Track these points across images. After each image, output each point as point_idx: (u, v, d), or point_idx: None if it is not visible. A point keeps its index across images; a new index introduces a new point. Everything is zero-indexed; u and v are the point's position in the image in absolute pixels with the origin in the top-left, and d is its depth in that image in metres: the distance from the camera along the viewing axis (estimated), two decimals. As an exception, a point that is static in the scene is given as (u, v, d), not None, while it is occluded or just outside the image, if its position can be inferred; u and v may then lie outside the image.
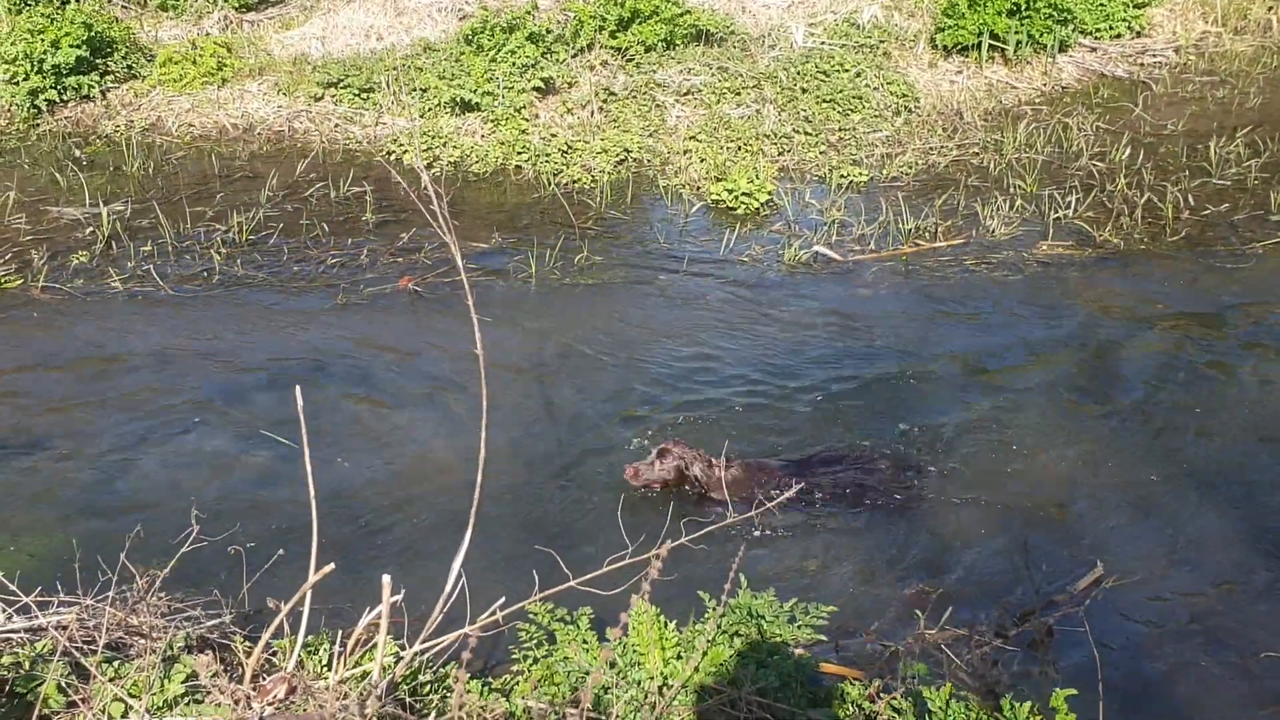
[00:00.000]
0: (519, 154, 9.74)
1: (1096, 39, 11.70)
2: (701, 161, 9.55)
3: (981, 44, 11.02)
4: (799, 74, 10.61)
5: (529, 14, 10.87)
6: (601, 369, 6.61)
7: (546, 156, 9.68)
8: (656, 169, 9.59)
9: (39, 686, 3.31)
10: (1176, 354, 6.54)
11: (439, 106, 10.31)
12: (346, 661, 3.62)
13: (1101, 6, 11.70)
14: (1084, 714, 3.34)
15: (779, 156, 9.77)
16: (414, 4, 12.30)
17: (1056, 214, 8.36)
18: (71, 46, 10.53)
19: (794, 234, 8.37)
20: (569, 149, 9.76)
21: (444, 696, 3.64)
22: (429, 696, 3.67)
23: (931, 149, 9.81)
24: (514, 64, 10.28)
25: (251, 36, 12.30)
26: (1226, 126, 9.73)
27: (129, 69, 11.25)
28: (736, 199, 8.78)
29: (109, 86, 11.09)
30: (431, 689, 3.71)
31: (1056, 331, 6.91)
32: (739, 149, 9.74)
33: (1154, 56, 11.65)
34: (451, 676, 3.76)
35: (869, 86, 10.52)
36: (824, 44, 11.29)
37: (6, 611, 3.73)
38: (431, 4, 12.27)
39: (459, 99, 10.15)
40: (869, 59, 10.91)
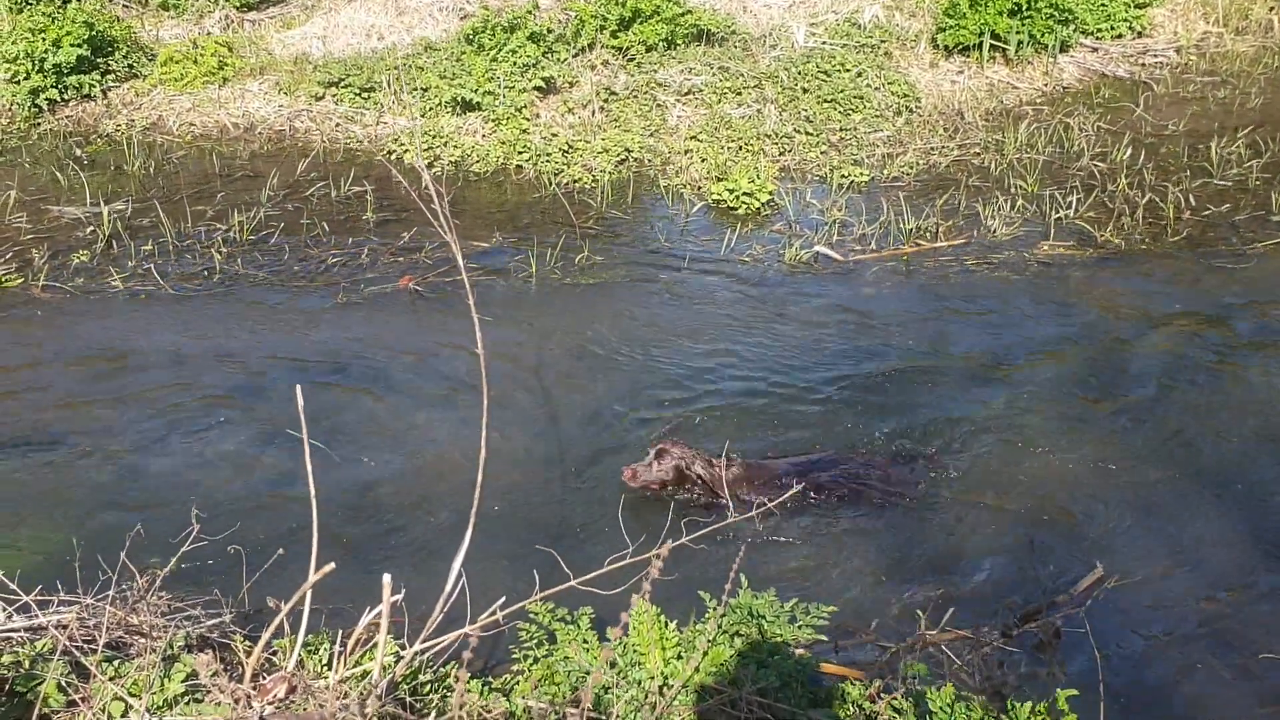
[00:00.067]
0: (520, 153, 9.74)
1: (1098, 39, 11.70)
2: (702, 161, 9.54)
3: (983, 44, 11.01)
4: (800, 74, 10.60)
5: (530, 13, 10.87)
6: (602, 369, 6.61)
7: (547, 156, 9.68)
8: (657, 169, 9.59)
9: (39, 685, 3.31)
10: (1178, 354, 6.54)
11: (440, 106, 10.31)
12: (347, 661, 3.62)
13: (1103, 6, 11.70)
14: (1085, 714, 3.34)
15: (780, 156, 9.76)
16: (415, 3, 12.30)
17: (1058, 214, 8.35)
18: (73, 46, 10.54)
19: (795, 234, 8.36)
20: (570, 148, 9.76)
21: (444, 696, 3.64)
22: (429, 696, 3.67)
23: (932, 149, 9.81)
24: (515, 63, 10.28)
25: (252, 36, 12.30)
26: (1228, 127, 9.72)
27: (130, 68, 11.25)
28: (737, 199, 8.78)
29: (110, 86, 11.10)
30: (432, 689, 3.71)
31: (1057, 332, 6.90)
32: (740, 149, 9.74)
33: (1155, 57, 11.65)
34: (452, 676, 3.76)
35: (870, 86, 10.52)
36: (825, 44, 11.28)
37: (7, 610, 3.73)
38: (432, 3, 12.28)
39: (460, 98, 10.15)
40: (870, 59, 10.91)
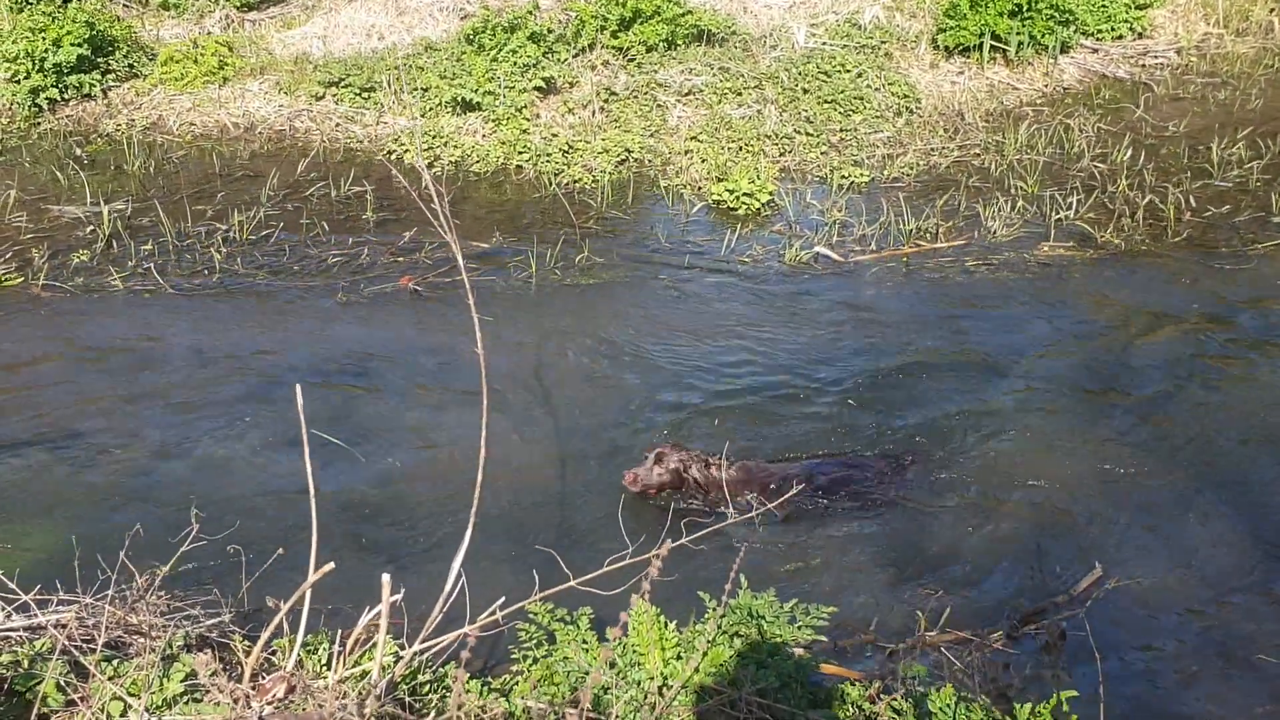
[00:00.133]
0: (520, 154, 9.74)
1: (1098, 40, 11.70)
2: (703, 162, 9.54)
3: (983, 45, 11.01)
4: (800, 74, 10.60)
5: (530, 13, 10.87)
6: (601, 369, 6.61)
7: (548, 156, 9.68)
8: (658, 169, 9.59)
9: (38, 685, 3.31)
10: (1178, 355, 6.54)
11: (440, 106, 10.31)
12: (346, 661, 3.62)
13: (1103, 8, 11.70)
14: (1085, 715, 3.34)
15: (780, 157, 9.76)
16: (415, 3, 12.30)
17: (1058, 215, 8.35)
18: (73, 45, 10.54)
19: (795, 234, 8.36)
20: (570, 149, 9.76)
21: (444, 696, 3.63)
22: (428, 696, 3.67)
23: (933, 150, 9.81)
24: (515, 63, 10.28)
25: (253, 35, 12.30)
26: (1228, 128, 9.72)
27: (130, 68, 11.25)
28: (738, 199, 8.78)
29: (110, 85, 11.10)
30: (431, 689, 3.71)
31: (1057, 333, 6.90)
32: (740, 149, 9.74)
33: (1156, 58, 11.64)
34: (451, 676, 3.75)
35: (870, 87, 10.52)
36: (825, 44, 11.28)
37: (6, 610, 3.72)
38: (433, 3, 12.27)
39: (460, 98, 10.15)
40: (870, 60, 10.91)
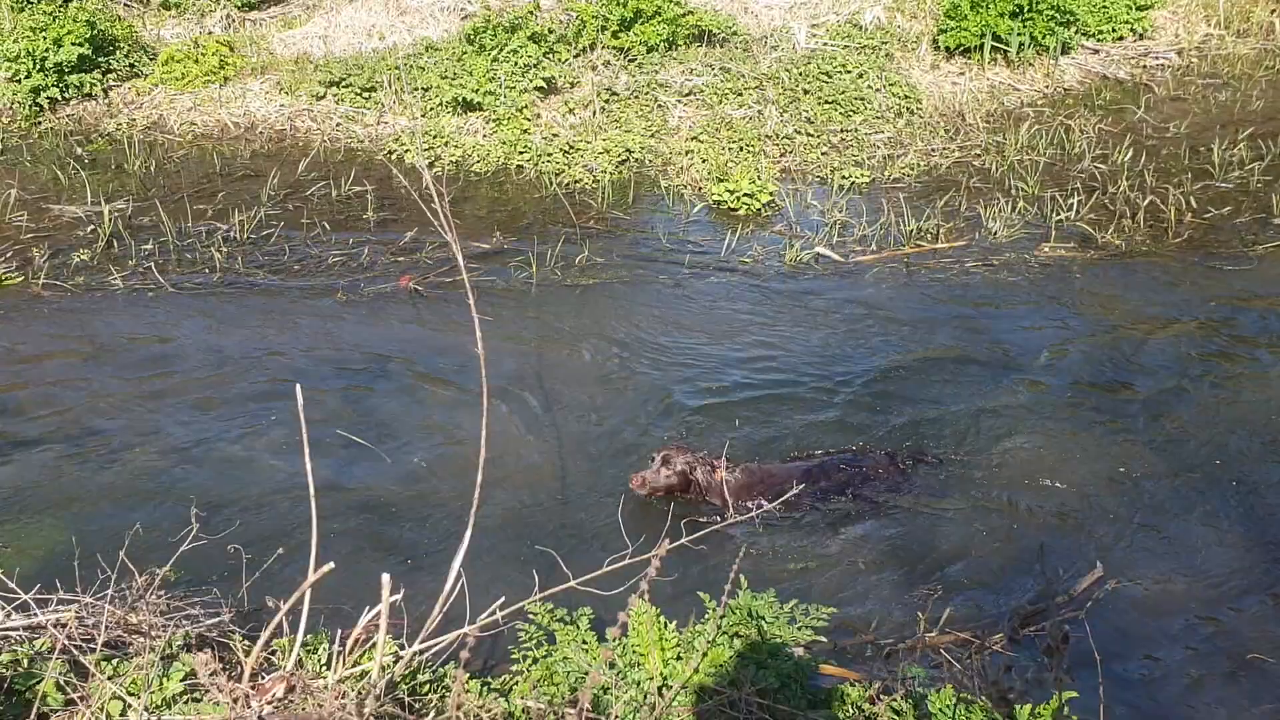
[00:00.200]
0: (520, 154, 9.74)
1: (1099, 41, 11.69)
2: (703, 162, 9.54)
3: (984, 46, 11.01)
4: (801, 75, 10.60)
5: (531, 14, 10.87)
6: (601, 369, 6.61)
7: (548, 156, 9.68)
8: (658, 169, 9.58)
9: (38, 684, 3.31)
10: (1178, 356, 6.54)
11: (441, 106, 10.31)
12: (346, 661, 3.61)
13: (1104, 9, 11.70)
14: (1084, 715, 3.34)
15: (781, 157, 9.76)
16: (416, 3, 12.30)
17: (1058, 216, 8.35)
18: (74, 44, 10.54)
19: (795, 235, 8.36)
20: (571, 149, 9.76)
21: (443, 696, 3.63)
22: (428, 696, 3.66)
23: (933, 150, 9.80)
24: (516, 64, 10.28)
25: (254, 35, 12.30)
26: (1229, 129, 9.72)
27: (131, 67, 11.25)
28: (738, 200, 8.78)
29: (111, 85, 11.10)
30: (430, 689, 3.71)
31: (1057, 333, 6.90)
32: (741, 150, 9.73)
33: (1156, 59, 11.64)
34: (450, 676, 3.75)
35: (871, 88, 10.52)
36: (826, 45, 11.28)
37: (5, 609, 3.72)
38: (434, 3, 12.28)
39: (461, 98, 10.15)
40: (871, 60, 10.91)
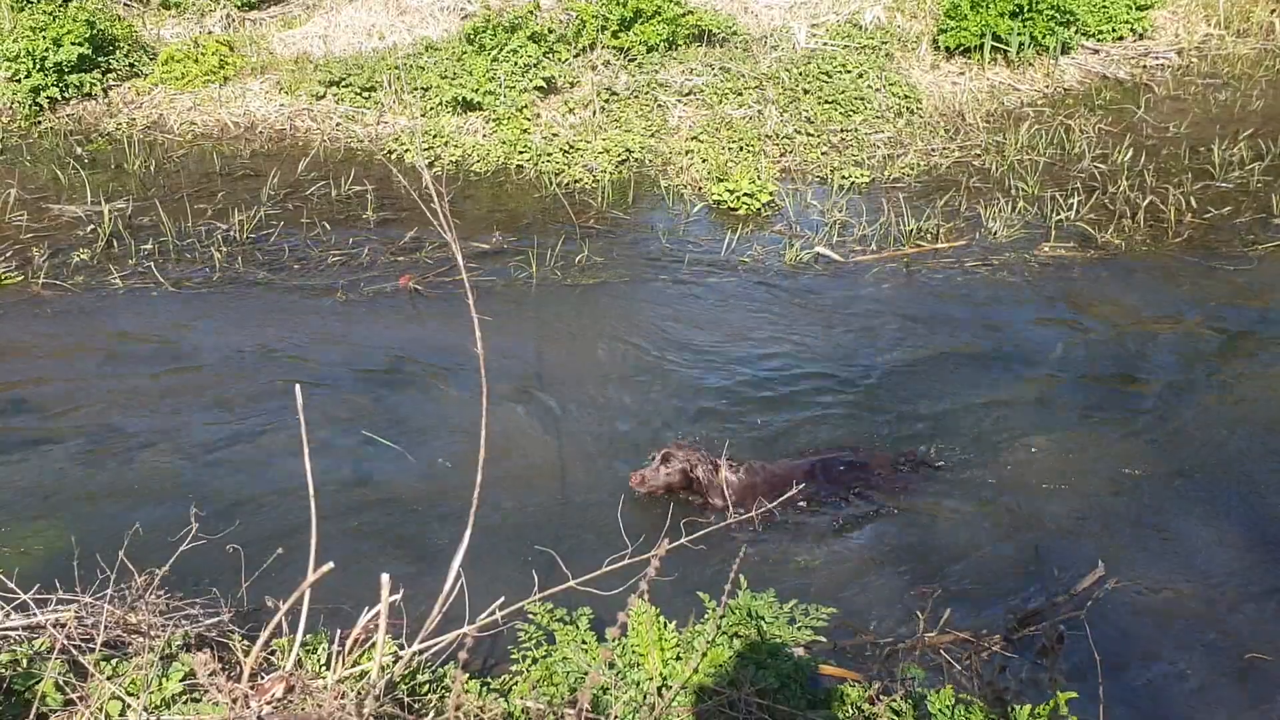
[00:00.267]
0: (520, 153, 9.74)
1: (1099, 41, 11.69)
2: (703, 162, 9.54)
3: (984, 45, 11.01)
4: (801, 75, 10.60)
5: (531, 13, 10.87)
6: (601, 369, 6.60)
7: (548, 156, 9.68)
8: (658, 169, 9.58)
9: (37, 684, 3.30)
10: (1178, 356, 6.54)
11: (440, 105, 10.30)
12: (345, 661, 3.61)
13: (1104, 8, 11.70)
14: (1084, 716, 3.33)
15: (781, 157, 9.76)
16: (416, 3, 12.30)
17: (1058, 216, 8.35)
18: (74, 44, 10.53)
19: (795, 235, 8.36)
20: (571, 149, 9.75)
21: (443, 696, 3.63)
22: (427, 696, 3.66)
23: (933, 150, 9.80)
24: (516, 63, 10.28)
25: (254, 35, 12.30)
26: (1229, 129, 9.72)
27: (131, 67, 11.25)
28: (738, 200, 8.77)
29: (111, 84, 11.09)
30: (430, 689, 3.70)
31: (1057, 334, 6.90)
32: (741, 149, 9.73)
33: (1156, 59, 11.64)
34: (450, 676, 3.75)
35: (871, 88, 10.51)
36: (826, 45, 11.28)
37: (5, 609, 3.72)
38: (434, 3, 12.27)
39: (461, 98, 10.15)
40: (871, 60, 10.90)
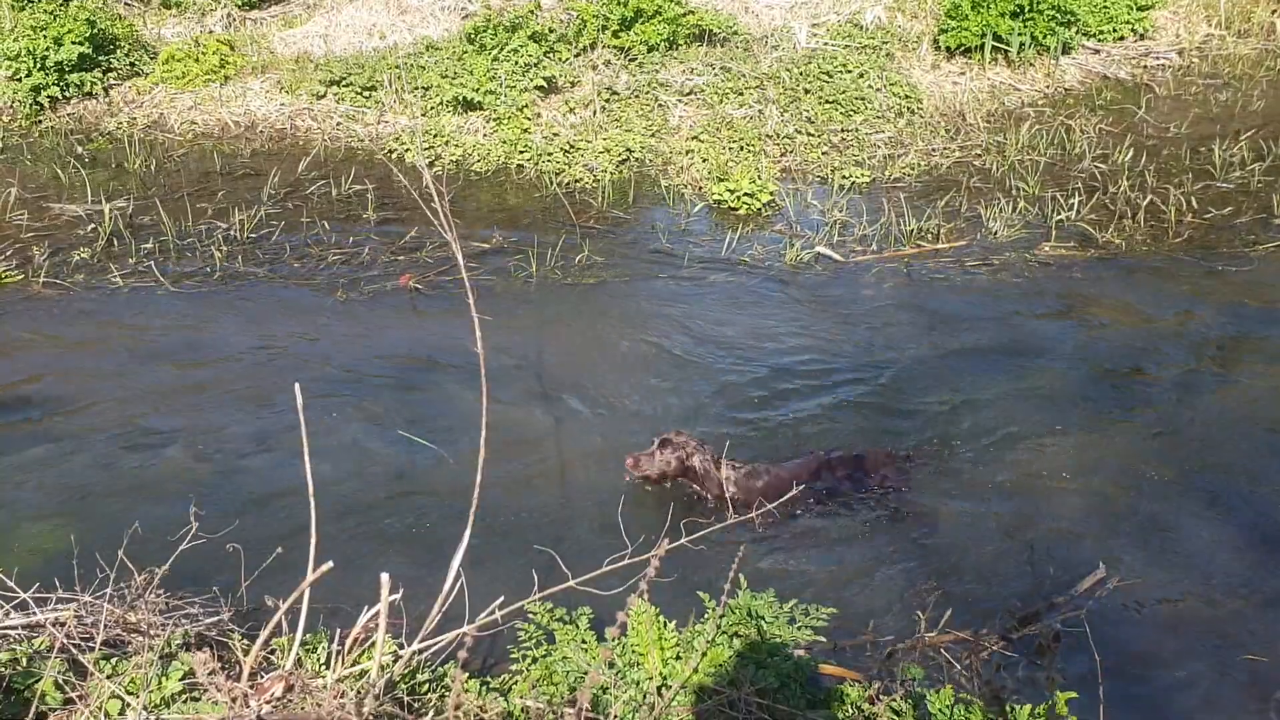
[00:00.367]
0: (521, 153, 9.74)
1: (1100, 41, 11.69)
2: (704, 161, 9.54)
3: (985, 45, 11.01)
4: (802, 75, 10.60)
5: (532, 13, 10.87)
6: (601, 368, 6.60)
7: (548, 156, 9.68)
8: (658, 169, 9.58)
9: (36, 683, 3.30)
10: (1179, 356, 6.53)
11: (441, 105, 10.30)
12: (345, 660, 3.61)
13: (1105, 9, 11.70)
14: (1084, 716, 3.33)
15: (781, 157, 9.76)
16: (417, 2, 12.30)
17: (1059, 216, 8.35)
18: (74, 43, 10.54)
19: (796, 235, 8.36)
20: (571, 148, 9.75)
21: (442, 696, 3.63)
22: (427, 696, 3.66)
23: (934, 150, 9.80)
24: (516, 63, 10.28)
25: (254, 34, 12.30)
26: (1230, 129, 9.72)
27: (132, 66, 11.25)
28: (738, 199, 8.77)
29: (112, 83, 11.10)
30: (430, 688, 3.70)
31: (1058, 334, 6.90)
32: (741, 149, 9.73)
33: (1157, 59, 11.64)
34: (449, 676, 3.75)
35: (871, 87, 10.51)
36: (827, 45, 11.28)
37: (4, 608, 3.72)
38: (434, 2, 12.28)
39: (461, 98, 10.15)
40: (872, 60, 10.90)
